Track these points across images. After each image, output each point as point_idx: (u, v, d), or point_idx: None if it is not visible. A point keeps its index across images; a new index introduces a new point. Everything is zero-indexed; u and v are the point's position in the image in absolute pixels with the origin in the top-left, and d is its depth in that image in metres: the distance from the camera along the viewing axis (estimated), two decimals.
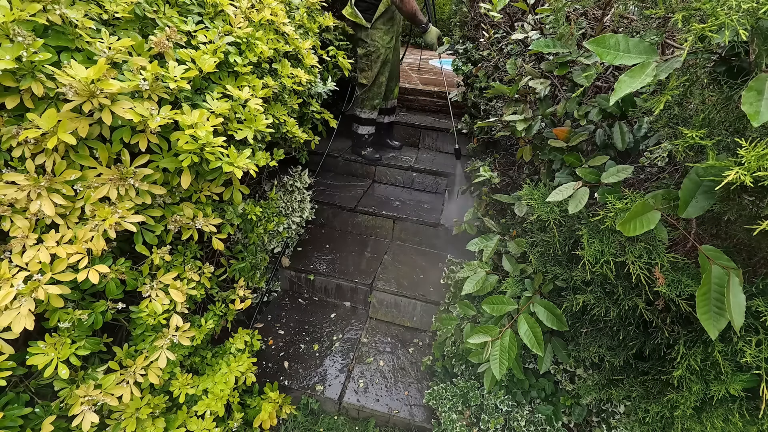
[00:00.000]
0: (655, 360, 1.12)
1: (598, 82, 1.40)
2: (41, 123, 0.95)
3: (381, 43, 2.70)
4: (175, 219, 1.26)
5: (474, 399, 1.70)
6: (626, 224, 0.81)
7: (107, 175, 1.09)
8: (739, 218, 0.82)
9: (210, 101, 1.24)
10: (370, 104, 2.91)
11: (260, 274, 2.01)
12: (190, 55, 1.23)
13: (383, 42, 2.70)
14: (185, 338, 1.31)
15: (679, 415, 0.99)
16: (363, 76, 2.81)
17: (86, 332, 1.14)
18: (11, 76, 0.94)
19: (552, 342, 1.34)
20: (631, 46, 0.74)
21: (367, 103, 2.90)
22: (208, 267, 1.49)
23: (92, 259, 1.08)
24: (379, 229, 2.78)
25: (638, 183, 1.15)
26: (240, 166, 1.24)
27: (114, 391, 1.19)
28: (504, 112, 1.50)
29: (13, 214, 1.00)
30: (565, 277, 1.16)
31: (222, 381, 1.55)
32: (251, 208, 1.70)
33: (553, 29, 1.25)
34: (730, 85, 0.73)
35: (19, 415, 1.08)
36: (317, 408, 1.98)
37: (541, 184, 1.17)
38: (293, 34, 1.79)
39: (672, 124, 0.90)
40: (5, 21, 0.91)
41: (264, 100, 1.55)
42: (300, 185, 2.35)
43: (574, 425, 1.67)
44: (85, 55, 1.06)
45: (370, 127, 3.05)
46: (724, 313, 0.73)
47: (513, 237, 1.53)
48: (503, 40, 2.03)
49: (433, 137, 3.42)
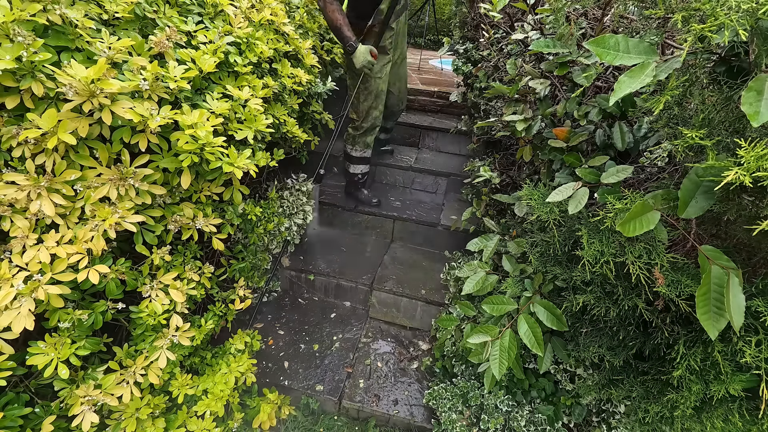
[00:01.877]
0: (655, 360, 1.12)
1: (598, 82, 1.40)
2: (41, 123, 0.95)
3: (370, 73, 2.24)
4: (175, 219, 1.26)
5: (474, 399, 1.70)
6: (626, 224, 0.81)
7: (107, 175, 1.09)
8: (738, 218, 0.82)
9: (210, 101, 1.24)
10: (363, 142, 2.50)
11: (260, 274, 2.01)
12: (190, 55, 1.23)
13: (372, 72, 2.24)
14: (185, 338, 1.31)
15: (679, 415, 0.99)
16: (353, 110, 2.41)
17: (86, 332, 1.14)
18: (11, 76, 0.94)
19: (552, 342, 1.34)
20: (630, 47, 0.74)
21: (359, 140, 2.49)
22: (208, 267, 1.49)
23: (92, 259, 1.08)
24: (379, 229, 2.78)
25: (638, 183, 1.15)
26: (240, 166, 1.24)
27: (114, 391, 1.19)
28: (504, 112, 1.50)
29: (13, 214, 1.00)
30: (565, 277, 1.16)
31: (222, 381, 1.55)
32: (251, 209, 1.70)
33: (553, 29, 1.25)
34: (730, 85, 0.73)
35: (19, 415, 1.08)
36: (317, 408, 1.98)
37: (541, 184, 1.17)
38: (293, 34, 1.79)
39: (672, 124, 0.90)
40: (5, 21, 0.91)
41: (264, 100, 1.55)
42: (304, 190, 2.33)
43: (575, 425, 1.67)
44: (86, 55, 1.06)
45: (364, 167, 2.64)
46: (724, 313, 0.73)
47: (513, 237, 1.53)
48: (503, 40, 2.03)
49: (433, 137, 3.42)
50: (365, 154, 2.58)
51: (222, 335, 1.89)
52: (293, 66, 1.79)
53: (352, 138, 2.51)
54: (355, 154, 2.57)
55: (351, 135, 2.51)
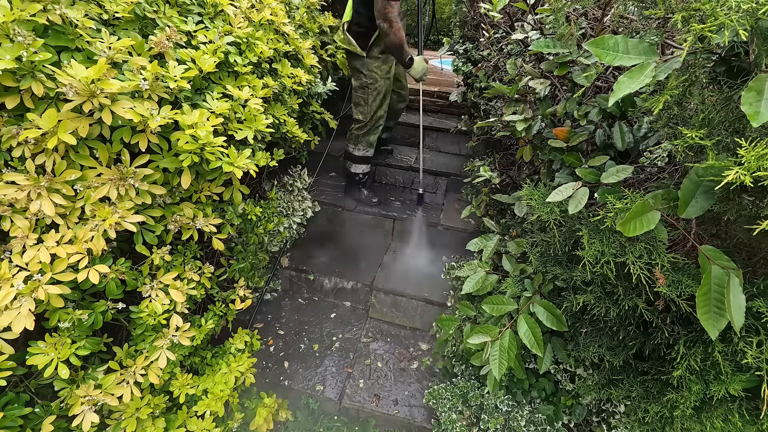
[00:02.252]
0: (655, 360, 1.12)
1: (598, 82, 1.40)
2: (41, 123, 0.95)
3: (379, 73, 2.34)
4: (175, 219, 1.26)
5: (474, 399, 1.70)
6: (626, 224, 0.81)
7: (107, 175, 1.09)
8: (739, 218, 0.82)
9: (210, 101, 1.24)
10: (366, 141, 2.53)
11: (260, 273, 2.01)
12: (190, 55, 1.23)
13: (381, 72, 2.34)
14: (185, 338, 1.31)
15: (679, 415, 0.99)
16: (359, 111, 2.44)
17: (86, 332, 1.13)
18: (11, 75, 0.94)
19: (552, 342, 1.34)
20: (630, 47, 0.74)
21: (362, 139, 2.52)
22: (208, 267, 1.49)
23: (92, 259, 1.08)
24: (379, 229, 2.77)
25: (638, 183, 1.15)
26: (240, 166, 1.24)
27: (114, 391, 1.19)
28: (504, 112, 1.50)
29: (13, 214, 1.00)
30: (565, 277, 1.16)
31: (222, 381, 1.55)
32: (251, 208, 1.70)
33: (553, 29, 1.25)
34: (730, 85, 0.73)
35: (19, 415, 1.08)
36: (317, 408, 1.98)
37: (541, 184, 1.17)
38: (293, 34, 1.79)
39: (672, 124, 0.90)
40: (5, 21, 0.91)
41: (264, 100, 1.55)
42: (300, 185, 2.33)
43: (575, 425, 1.67)
44: (86, 55, 1.06)
45: (365, 166, 2.65)
46: (724, 313, 0.73)
47: (513, 237, 1.53)
48: (503, 40, 2.03)
49: (433, 137, 3.42)
50: (367, 153, 2.60)
51: (222, 335, 1.89)
52: (293, 66, 1.79)
53: (355, 137, 2.53)
54: (358, 153, 2.59)
55: (354, 135, 2.53)
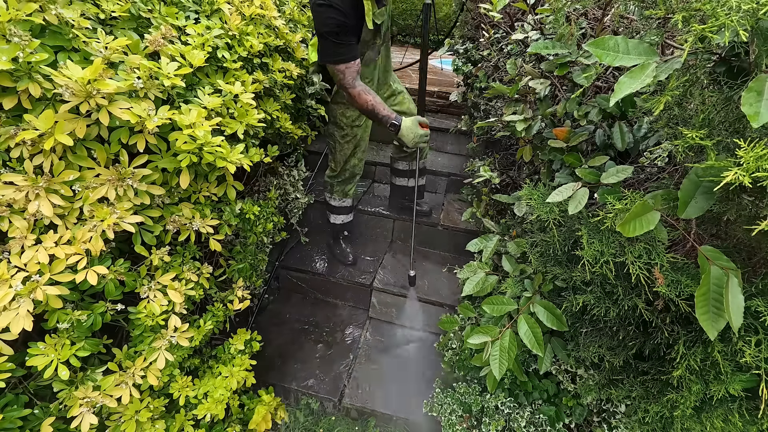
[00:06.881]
0: (655, 360, 1.12)
1: (598, 82, 1.40)
2: (38, 124, 0.95)
3: (344, 121, 1.96)
4: (173, 219, 1.26)
5: (475, 401, 1.70)
6: (626, 225, 0.81)
7: (105, 175, 1.09)
8: (738, 218, 0.82)
9: (202, 96, 1.23)
10: (341, 190, 2.26)
11: (259, 274, 2.00)
12: (179, 50, 1.22)
13: (346, 120, 1.97)
14: (184, 339, 1.31)
15: (679, 415, 0.99)
16: (331, 158, 2.17)
17: (85, 333, 1.13)
18: (8, 76, 0.93)
19: (552, 342, 1.34)
20: (630, 48, 0.74)
21: (337, 188, 2.26)
22: (207, 267, 1.48)
23: (91, 260, 1.08)
24: (379, 229, 2.77)
25: (638, 183, 1.15)
26: (233, 160, 1.23)
27: (113, 393, 1.18)
28: (504, 112, 1.49)
29: (11, 214, 1.00)
30: (565, 277, 1.16)
31: (222, 385, 1.54)
32: (249, 208, 1.70)
33: (553, 29, 1.25)
34: (730, 85, 0.73)
35: (19, 416, 1.07)
36: (317, 408, 1.98)
37: (541, 184, 1.17)
38: (284, 28, 1.77)
39: (672, 125, 0.90)
40: (1, 21, 0.90)
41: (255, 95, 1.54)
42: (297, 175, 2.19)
43: (575, 425, 1.67)
44: (82, 55, 1.05)
45: (345, 216, 2.41)
46: (723, 313, 0.73)
47: (513, 237, 1.53)
48: (503, 40, 2.02)
49: (432, 137, 3.42)
50: (344, 204, 2.34)
51: (222, 335, 1.89)
52: (284, 60, 1.77)
53: (330, 185, 2.28)
54: (335, 204, 2.34)
55: (328, 182, 2.27)
